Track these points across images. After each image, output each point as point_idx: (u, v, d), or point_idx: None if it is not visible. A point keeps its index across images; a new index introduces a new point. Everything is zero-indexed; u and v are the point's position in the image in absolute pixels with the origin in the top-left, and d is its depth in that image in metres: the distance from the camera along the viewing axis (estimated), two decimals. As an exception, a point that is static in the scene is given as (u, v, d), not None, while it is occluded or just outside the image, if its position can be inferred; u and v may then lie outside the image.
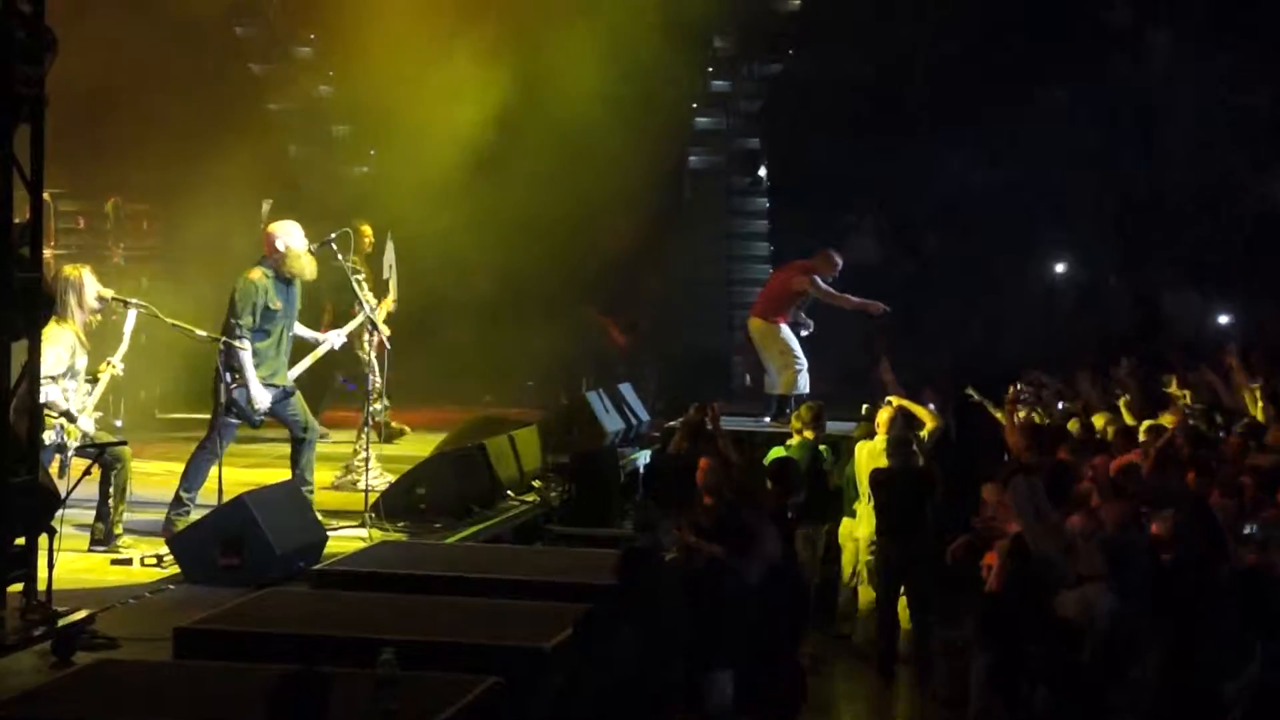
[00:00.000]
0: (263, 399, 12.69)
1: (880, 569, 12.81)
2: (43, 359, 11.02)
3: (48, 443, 11.22)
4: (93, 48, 15.95)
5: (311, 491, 12.94)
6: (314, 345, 13.68)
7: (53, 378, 11.28)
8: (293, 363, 13.26)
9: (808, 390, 16.71)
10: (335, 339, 13.68)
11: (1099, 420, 14.30)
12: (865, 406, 14.66)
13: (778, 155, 24.01)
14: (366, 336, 14.21)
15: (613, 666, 7.39)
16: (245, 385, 12.56)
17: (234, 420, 12.71)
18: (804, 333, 17.07)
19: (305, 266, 12.99)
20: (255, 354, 12.64)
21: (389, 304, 15.93)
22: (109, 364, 11.90)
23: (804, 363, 16.81)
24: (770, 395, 17.03)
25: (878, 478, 12.75)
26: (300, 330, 13.38)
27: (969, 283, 22.48)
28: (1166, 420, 13.75)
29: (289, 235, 12.98)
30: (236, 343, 12.53)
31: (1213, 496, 10.28)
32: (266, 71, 22.63)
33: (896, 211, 23.66)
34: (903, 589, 12.54)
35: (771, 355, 16.93)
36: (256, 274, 12.80)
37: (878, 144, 22.66)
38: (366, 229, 16.13)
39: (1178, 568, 8.38)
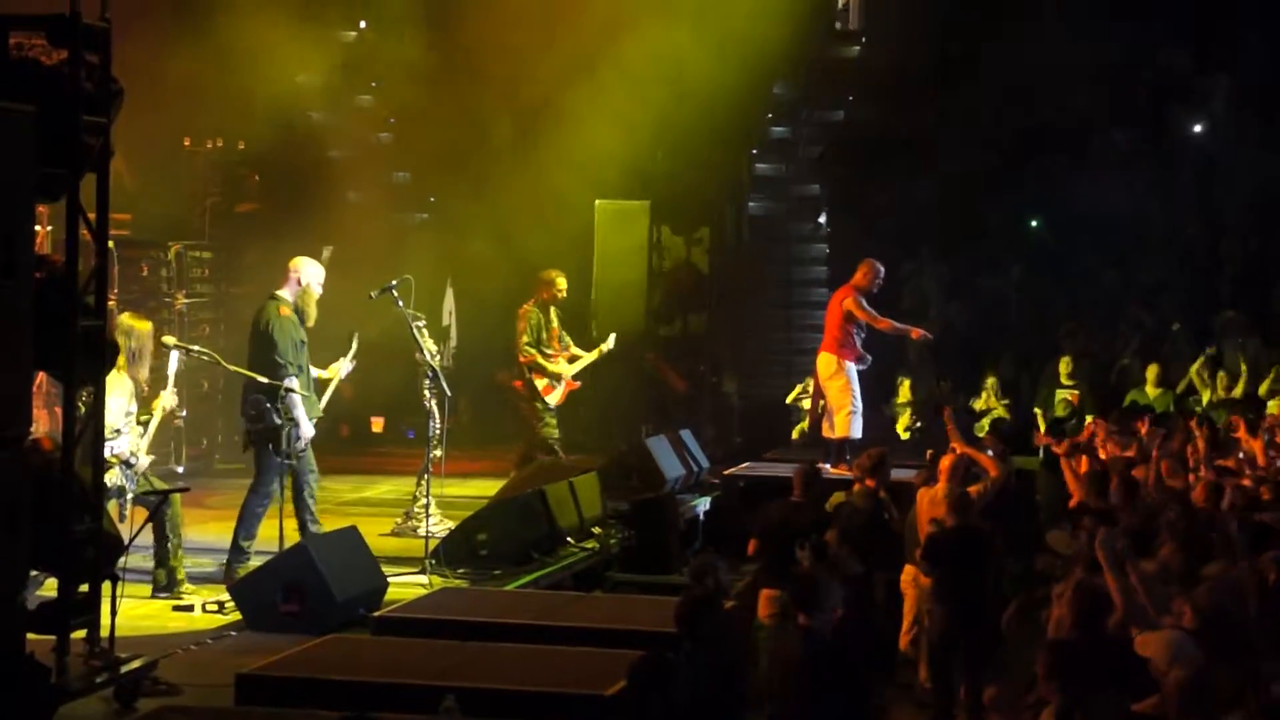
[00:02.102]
0: (309, 433, 12.79)
1: (937, 634, 12.56)
2: (110, 412, 11.15)
3: (110, 486, 11.31)
4: (159, 98, 16.14)
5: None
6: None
7: (118, 430, 11.41)
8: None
9: (860, 435, 16.56)
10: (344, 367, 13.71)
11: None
12: (930, 453, 14.51)
13: (838, 202, 23.97)
14: (426, 384, 14.24)
15: (669, 713, 7.35)
16: (297, 422, 12.59)
17: (283, 460, 12.71)
18: (861, 367, 16.87)
19: (314, 308, 13.08)
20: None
21: (602, 350, 16.25)
22: (161, 402, 12.00)
23: (859, 405, 16.61)
24: (829, 440, 16.91)
25: (936, 539, 12.57)
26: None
27: (1032, 328, 22.36)
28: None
29: (310, 273, 13.07)
30: (285, 382, 12.57)
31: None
32: (327, 119, 22.78)
33: (956, 258, 23.59)
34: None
35: (831, 392, 16.74)
36: (286, 309, 12.86)
37: (937, 192, 22.63)
38: (561, 280, 16.35)
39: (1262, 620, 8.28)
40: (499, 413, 19.46)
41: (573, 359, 16.50)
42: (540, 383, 16.22)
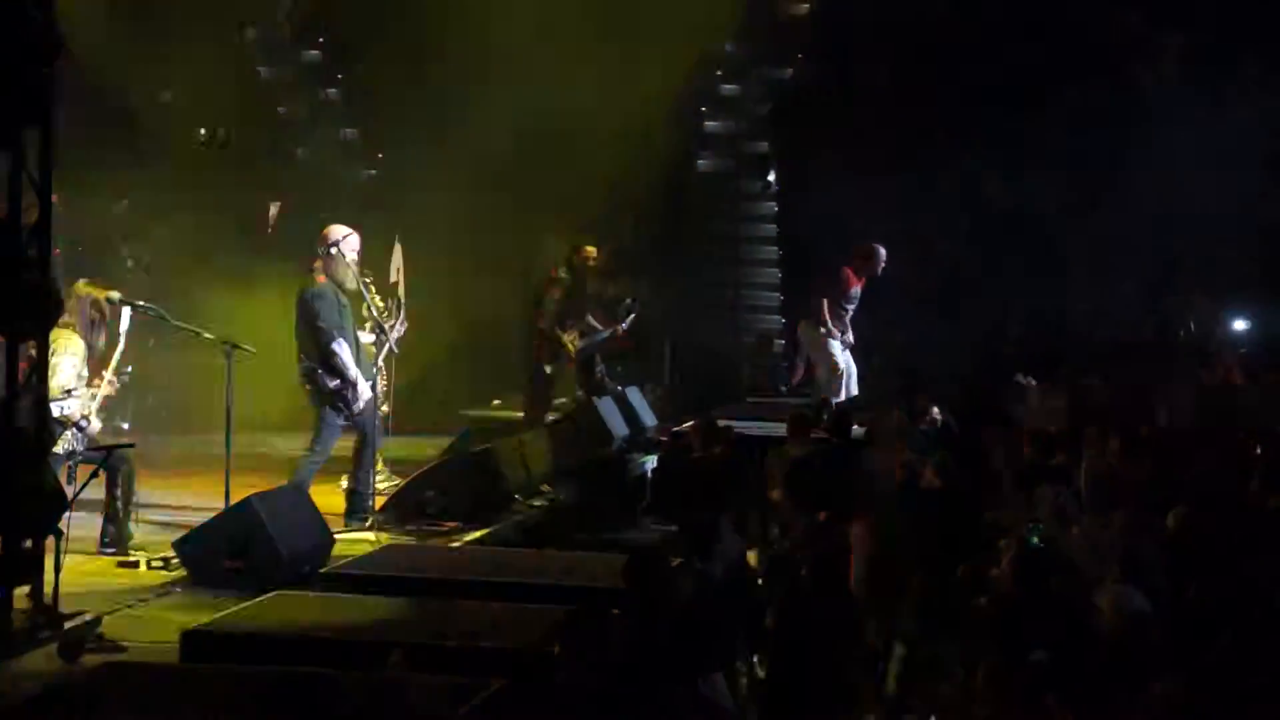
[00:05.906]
0: (367, 394, 12.99)
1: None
2: (61, 373, 11.09)
3: (61, 451, 11.27)
4: (102, 49, 15.99)
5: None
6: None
7: (69, 390, 11.35)
8: None
9: (844, 397, 16.59)
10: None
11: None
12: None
13: (787, 159, 23.94)
14: (374, 340, 14.25)
15: (609, 669, 7.38)
16: (353, 383, 12.82)
17: (343, 422, 13.08)
18: (835, 340, 16.84)
19: (347, 275, 13.13)
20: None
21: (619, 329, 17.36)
22: (106, 378, 11.89)
23: (844, 373, 16.54)
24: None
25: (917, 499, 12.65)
26: None
27: (980, 292, 22.40)
28: None
29: (338, 239, 13.20)
30: (331, 345, 12.75)
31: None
32: (275, 75, 22.62)
33: (909, 215, 23.58)
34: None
35: (816, 359, 16.87)
36: (321, 277, 13.10)
37: (887, 150, 22.60)
38: (592, 250, 17.17)
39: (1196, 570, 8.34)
40: (446, 370, 19.42)
41: (584, 333, 16.84)
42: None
